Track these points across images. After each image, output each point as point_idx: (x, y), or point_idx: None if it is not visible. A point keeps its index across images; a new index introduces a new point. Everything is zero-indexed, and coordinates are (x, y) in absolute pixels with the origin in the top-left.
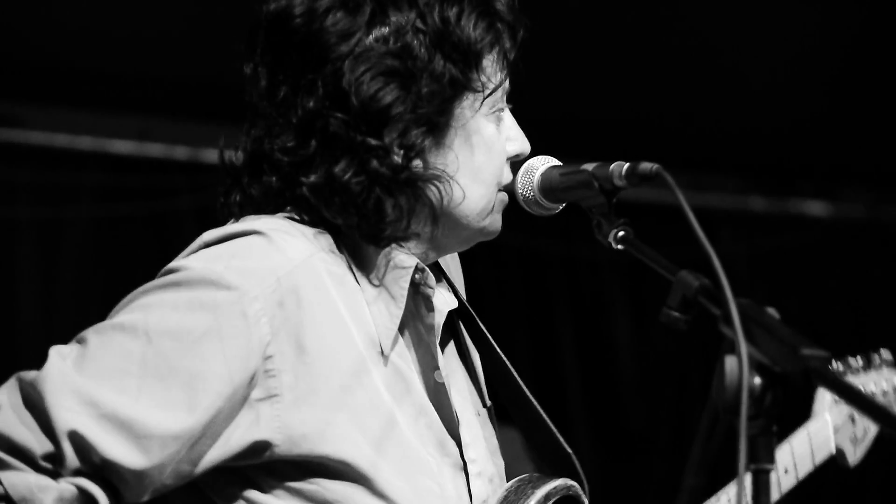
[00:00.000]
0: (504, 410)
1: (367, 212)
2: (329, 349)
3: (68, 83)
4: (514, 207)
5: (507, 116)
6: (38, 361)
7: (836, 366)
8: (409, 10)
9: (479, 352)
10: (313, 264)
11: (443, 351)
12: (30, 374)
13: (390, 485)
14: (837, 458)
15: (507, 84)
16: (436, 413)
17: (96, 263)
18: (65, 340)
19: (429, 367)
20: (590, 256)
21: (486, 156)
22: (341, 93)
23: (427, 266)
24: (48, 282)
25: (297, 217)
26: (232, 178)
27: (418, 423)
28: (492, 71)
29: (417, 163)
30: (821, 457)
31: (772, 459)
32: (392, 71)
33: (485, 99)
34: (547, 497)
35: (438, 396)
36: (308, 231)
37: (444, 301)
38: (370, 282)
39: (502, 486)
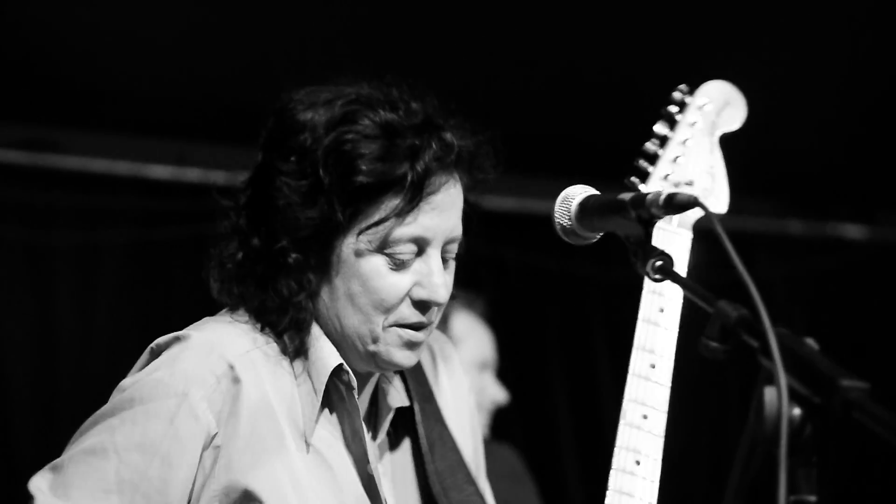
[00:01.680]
0: None
1: (244, 294)
2: (258, 435)
3: (106, 108)
4: (551, 233)
5: (431, 262)
6: (76, 385)
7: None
8: (309, 140)
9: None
10: (250, 359)
11: (398, 444)
12: None
13: None
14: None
15: (414, 233)
16: (368, 501)
17: (133, 288)
18: (103, 364)
19: (362, 460)
20: (626, 280)
21: (361, 286)
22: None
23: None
24: (86, 306)
25: (243, 317)
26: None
27: None
28: (380, 213)
29: (293, 266)
30: (668, 319)
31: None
32: (277, 187)
33: (359, 233)
34: None
35: (370, 487)
36: (248, 329)
37: (393, 398)
38: (301, 374)
39: None
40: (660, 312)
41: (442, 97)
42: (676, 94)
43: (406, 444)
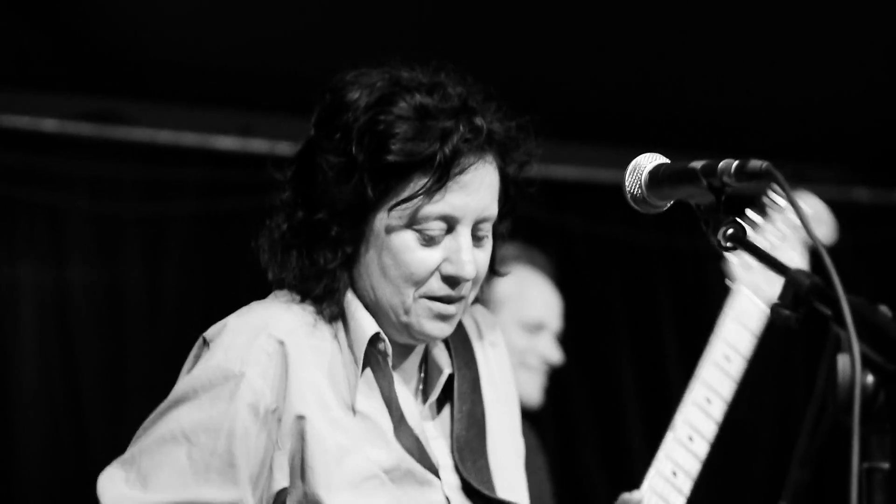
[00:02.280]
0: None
1: (285, 265)
2: (313, 407)
3: (171, 80)
4: (621, 203)
5: (461, 239)
6: (145, 356)
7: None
8: (350, 115)
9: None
10: (296, 335)
11: (439, 411)
12: None
13: None
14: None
15: (442, 211)
16: (414, 461)
17: (200, 258)
18: (171, 335)
19: (404, 422)
20: (692, 249)
21: (392, 260)
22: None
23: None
24: (154, 277)
25: (286, 296)
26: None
27: (398, 470)
28: (410, 189)
29: (331, 237)
30: (756, 325)
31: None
32: (317, 163)
33: (391, 209)
34: None
35: (419, 448)
36: (292, 305)
37: (443, 364)
38: (342, 344)
39: None
40: (749, 314)
41: (499, 76)
42: (773, 194)
43: (446, 410)
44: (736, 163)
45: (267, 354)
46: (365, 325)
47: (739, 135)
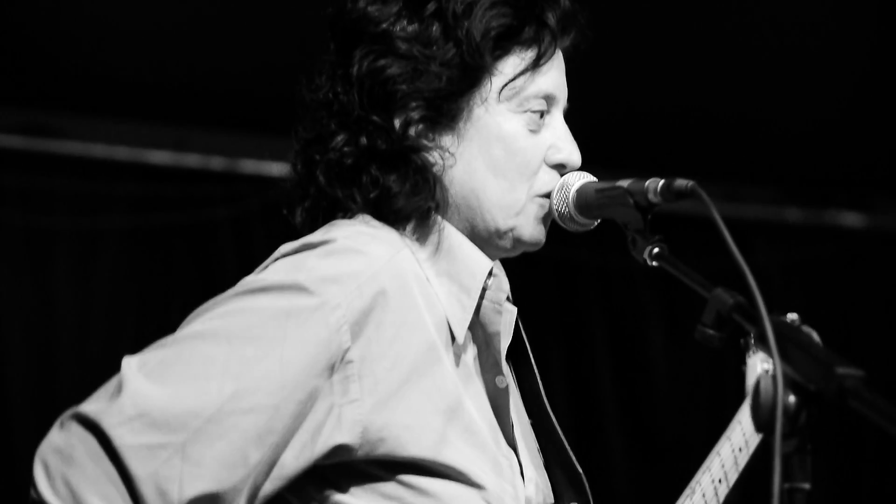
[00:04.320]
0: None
1: (366, 186)
2: (411, 350)
3: (105, 93)
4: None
5: (558, 124)
6: (75, 369)
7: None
8: (434, 1)
9: (513, 361)
10: (394, 265)
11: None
12: (93, 410)
13: (485, 475)
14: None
15: (544, 87)
16: (494, 417)
17: (132, 273)
18: (101, 348)
19: (491, 372)
20: (624, 266)
21: (504, 150)
22: (353, 73)
23: None
24: (84, 291)
25: (367, 221)
26: (293, 183)
27: (486, 423)
28: (517, 66)
29: (415, 140)
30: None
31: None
32: (399, 53)
33: (500, 90)
34: None
35: (497, 401)
36: (382, 233)
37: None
38: (443, 276)
39: (548, 496)
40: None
41: None
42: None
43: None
44: (662, 182)
45: (357, 284)
46: (473, 253)
47: (671, 153)
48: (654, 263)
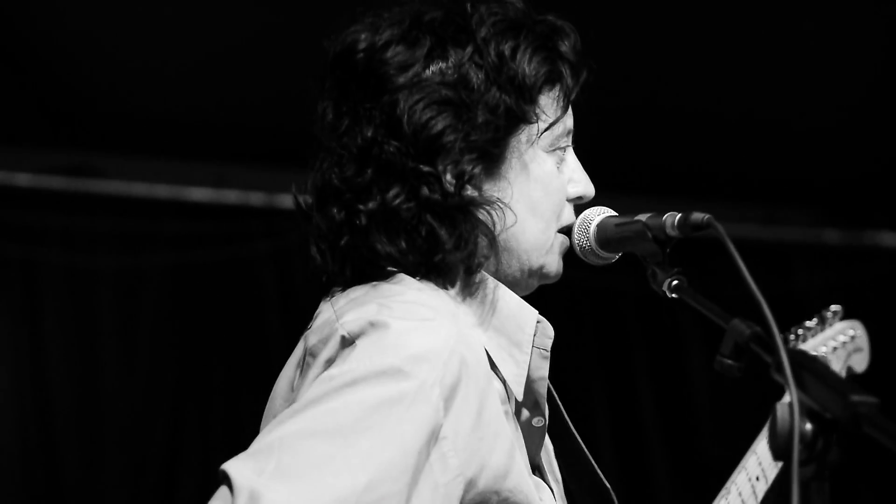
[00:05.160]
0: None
1: (417, 239)
2: (492, 419)
3: (144, 133)
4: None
5: (571, 158)
6: (120, 406)
7: (794, 334)
8: (467, 45)
9: None
10: (462, 332)
11: None
12: None
13: None
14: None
15: (569, 124)
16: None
17: (175, 311)
18: (144, 387)
19: (532, 412)
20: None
21: (542, 191)
22: (396, 121)
23: None
24: (128, 329)
25: (406, 281)
26: (304, 218)
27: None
28: (551, 108)
29: (471, 190)
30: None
31: None
32: (446, 100)
33: (542, 133)
34: None
35: (531, 438)
36: (434, 297)
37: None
38: (490, 330)
39: None
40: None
41: None
42: (831, 311)
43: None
44: (679, 216)
45: (442, 359)
46: (517, 304)
47: (711, 177)
48: (674, 295)
